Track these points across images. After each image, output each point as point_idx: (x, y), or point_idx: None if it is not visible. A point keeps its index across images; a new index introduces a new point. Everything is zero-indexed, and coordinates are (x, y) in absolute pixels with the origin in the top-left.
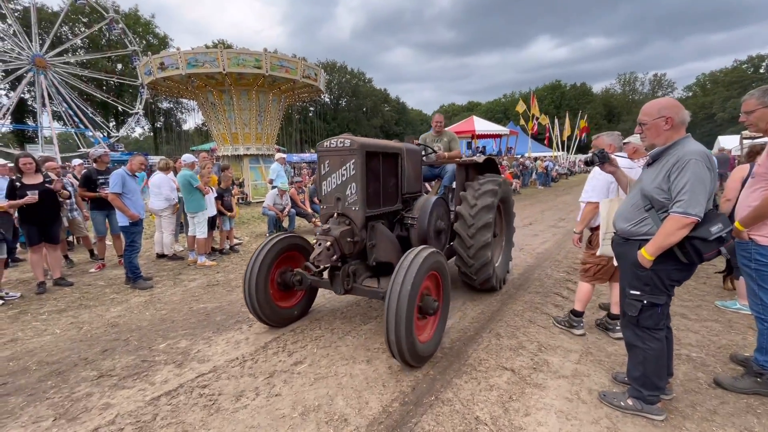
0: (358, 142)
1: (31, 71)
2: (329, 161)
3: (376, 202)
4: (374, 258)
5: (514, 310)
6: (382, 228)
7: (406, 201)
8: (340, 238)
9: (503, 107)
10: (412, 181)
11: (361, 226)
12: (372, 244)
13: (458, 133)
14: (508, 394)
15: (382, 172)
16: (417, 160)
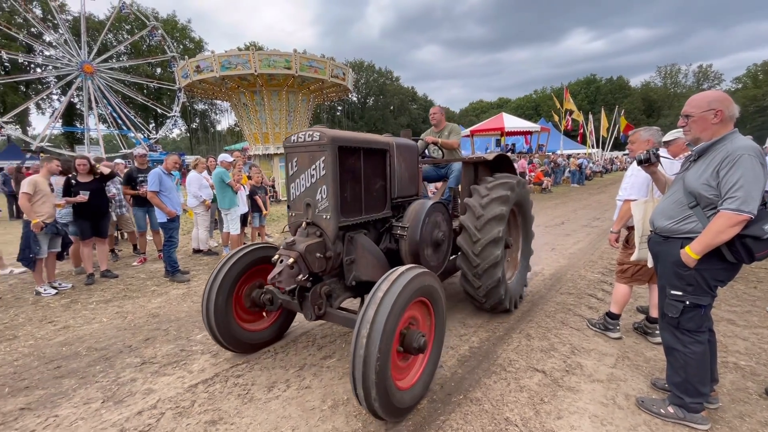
0: (328, 135)
1: (79, 77)
2: (297, 159)
3: (355, 208)
4: (353, 277)
5: (546, 311)
6: (363, 240)
7: (397, 207)
8: (307, 254)
9: (534, 103)
10: (404, 182)
11: (334, 237)
12: (350, 260)
13: (486, 130)
14: (539, 396)
15: (365, 172)
16: (412, 158)
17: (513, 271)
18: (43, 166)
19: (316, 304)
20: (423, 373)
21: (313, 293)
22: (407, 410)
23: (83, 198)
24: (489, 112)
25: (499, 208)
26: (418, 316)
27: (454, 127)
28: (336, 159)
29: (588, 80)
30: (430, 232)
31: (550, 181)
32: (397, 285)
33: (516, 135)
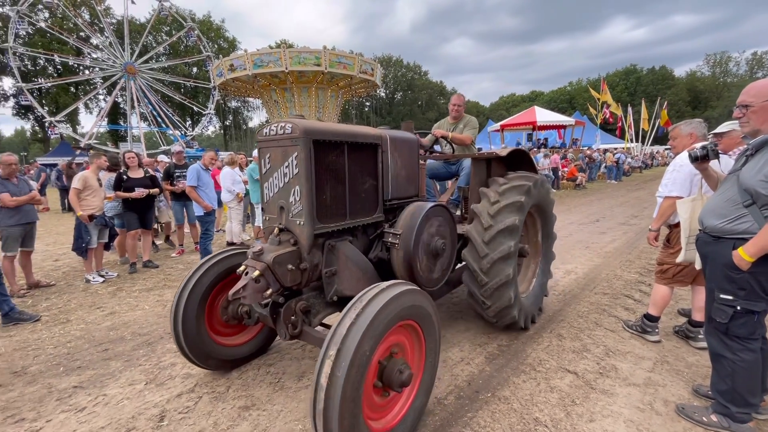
0: (300, 127)
1: (123, 77)
2: (270, 155)
3: (336, 212)
4: (335, 291)
5: (578, 311)
6: (347, 249)
7: (392, 210)
8: (275, 266)
9: (569, 96)
10: (400, 181)
11: (309, 246)
12: (330, 272)
13: (518, 125)
14: (571, 397)
15: (350, 169)
16: (411, 153)
17: (529, 282)
18: (93, 162)
19: (289, 321)
20: (408, 412)
21: (286, 310)
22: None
23: (142, 193)
24: (520, 105)
25: (511, 217)
26: (404, 342)
27: (470, 120)
28: (310, 155)
29: (628, 71)
30: (427, 240)
31: (584, 176)
32: (375, 305)
33: (549, 129)
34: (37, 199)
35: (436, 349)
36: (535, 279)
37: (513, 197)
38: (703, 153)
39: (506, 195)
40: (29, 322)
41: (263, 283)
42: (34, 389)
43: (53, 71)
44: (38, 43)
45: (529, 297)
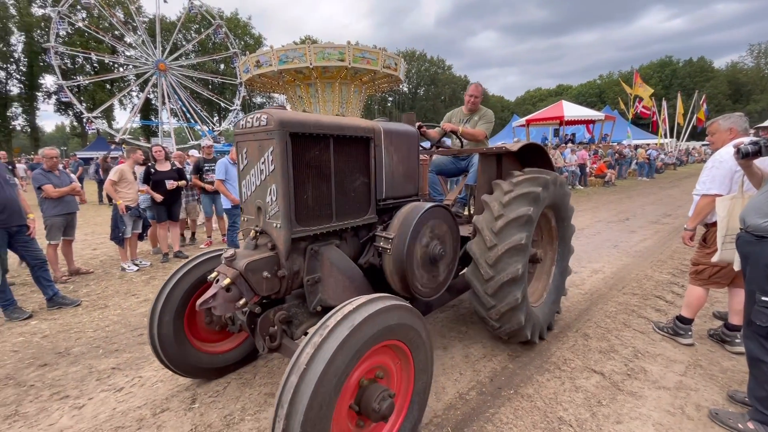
0: (275, 118)
1: (154, 74)
2: (247, 149)
3: (320, 213)
4: (318, 301)
5: (606, 311)
6: (332, 254)
7: (386, 210)
8: (248, 273)
9: (598, 90)
10: (397, 179)
11: (287, 251)
12: (313, 280)
13: (544, 120)
14: (597, 398)
15: (336, 166)
16: (409, 148)
17: (541, 293)
18: (130, 156)
19: (267, 333)
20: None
21: (263, 320)
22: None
23: (173, 185)
24: (547, 100)
25: (525, 207)
26: (389, 365)
27: (486, 113)
28: (286, 149)
29: (663, 63)
30: (423, 245)
31: (613, 173)
32: (349, 322)
33: (577, 124)
34: (78, 190)
35: (428, 375)
36: (547, 291)
37: (528, 187)
38: (755, 149)
39: (521, 186)
40: (71, 306)
41: (235, 292)
42: (77, 369)
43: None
44: (77, 42)
45: (541, 308)
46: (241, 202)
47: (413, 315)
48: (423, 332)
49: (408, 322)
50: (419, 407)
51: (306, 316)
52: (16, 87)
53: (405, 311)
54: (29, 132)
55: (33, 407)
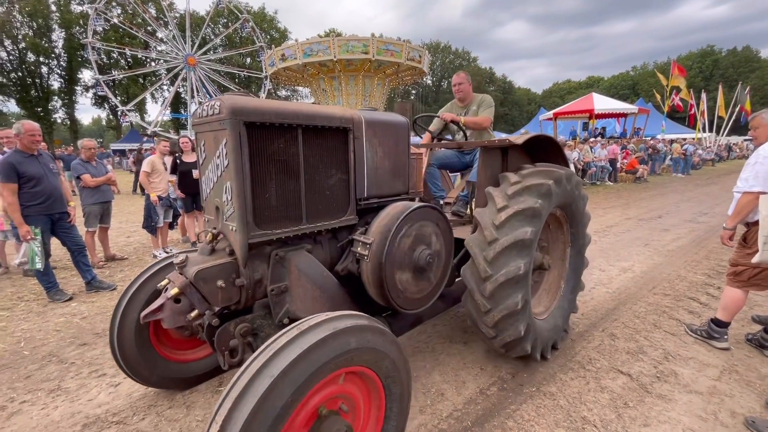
0: (227, 105)
1: (184, 68)
2: (205, 142)
3: (287, 214)
4: (285, 313)
5: (635, 311)
6: (300, 261)
7: (369, 211)
8: (199, 282)
9: (632, 81)
10: (382, 175)
11: (245, 257)
12: (279, 289)
13: (572, 113)
14: (623, 399)
15: (306, 160)
16: (398, 140)
17: (548, 306)
18: (157, 147)
19: (226, 348)
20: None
21: (221, 334)
22: None
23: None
24: (577, 92)
25: (530, 200)
26: (354, 396)
27: (484, 99)
28: (239, 141)
29: (703, 52)
30: (407, 250)
31: (645, 169)
32: (297, 346)
33: (607, 117)
34: (113, 180)
35: (403, 410)
36: (556, 302)
37: (536, 180)
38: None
39: (529, 178)
40: (107, 290)
41: (185, 303)
42: None
43: (125, 64)
44: (112, 37)
45: (547, 322)
46: (202, 200)
47: (384, 338)
48: (397, 358)
49: (376, 346)
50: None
51: (274, 329)
52: (56, 81)
53: (373, 333)
54: (68, 124)
55: (74, 383)
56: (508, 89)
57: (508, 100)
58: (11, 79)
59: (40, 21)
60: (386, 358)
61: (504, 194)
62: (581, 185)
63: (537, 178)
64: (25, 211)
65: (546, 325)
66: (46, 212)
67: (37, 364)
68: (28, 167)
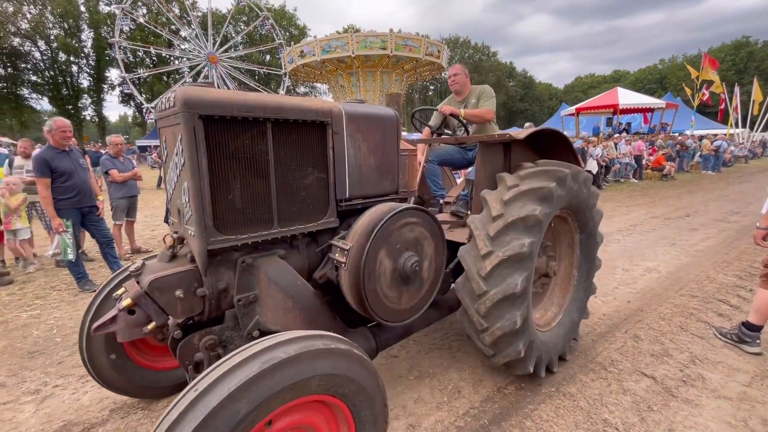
0: (180, 97)
1: (206, 66)
2: (166, 137)
3: (254, 218)
4: (255, 324)
5: (660, 313)
6: (271, 269)
7: (352, 212)
8: (154, 292)
9: (659, 75)
10: (367, 174)
11: (205, 265)
12: (247, 300)
13: (596, 108)
14: (647, 402)
15: (277, 158)
16: (384, 136)
17: (554, 314)
18: None
19: (191, 362)
20: None
21: (184, 347)
22: None
23: None
24: (600, 87)
25: (531, 206)
26: (315, 424)
27: (484, 90)
28: (194, 137)
29: (737, 44)
30: (390, 257)
31: (673, 166)
32: (243, 372)
33: (633, 113)
34: (139, 175)
35: None
36: (562, 312)
37: (537, 183)
38: None
39: (529, 180)
40: None
41: (140, 315)
42: None
43: (150, 62)
44: (137, 37)
45: (552, 334)
46: (167, 201)
47: (348, 361)
48: (365, 379)
49: (337, 371)
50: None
51: (245, 341)
52: (86, 80)
53: (341, 358)
54: (97, 122)
55: None
56: (528, 84)
57: (528, 96)
58: (44, 78)
59: (71, 21)
60: (351, 383)
61: (499, 200)
62: (590, 182)
63: (537, 180)
64: (57, 205)
65: (552, 337)
66: (77, 206)
67: (68, 351)
68: (60, 163)
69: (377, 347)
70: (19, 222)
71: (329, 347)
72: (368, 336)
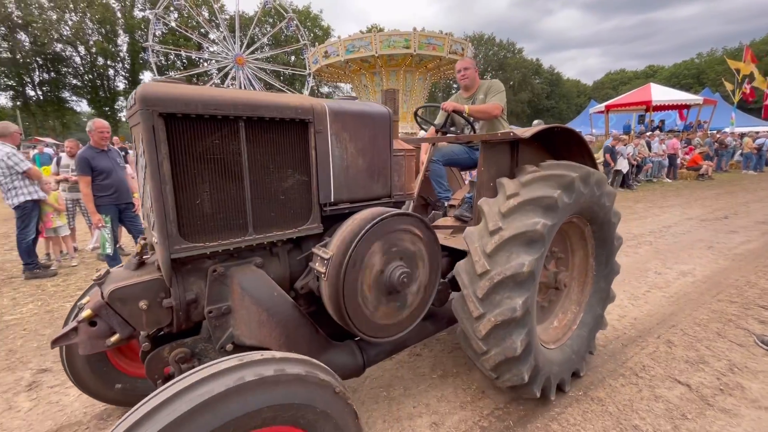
0: (139, 93)
1: (233, 68)
2: (135, 137)
3: (226, 224)
4: (228, 338)
5: (695, 318)
6: (245, 278)
7: (338, 217)
8: (116, 303)
9: (696, 70)
10: (354, 176)
11: (169, 274)
12: (218, 311)
13: (627, 105)
14: (681, 410)
15: (250, 159)
16: (375, 135)
17: (566, 328)
18: None
19: (159, 376)
20: None
21: (152, 361)
22: None
23: None
24: (632, 83)
25: (532, 220)
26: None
27: (492, 84)
28: (154, 136)
29: None
30: (374, 267)
31: (711, 165)
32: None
33: (667, 109)
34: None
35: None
36: (574, 330)
37: (542, 192)
38: None
39: (532, 187)
40: None
41: (102, 327)
42: None
43: (180, 65)
44: (169, 40)
45: (565, 349)
46: (141, 205)
47: (306, 388)
48: (338, 415)
49: (311, 402)
50: None
51: (218, 355)
52: (121, 83)
53: (297, 384)
54: None
55: None
56: (555, 81)
57: (555, 93)
58: (84, 82)
59: (108, 27)
60: (311, 411)
61: (497, 212)
62: (604, 183)
63: (539, 188)
64: (96, 201)
65: (563, 354)
66: (115, 202)
67: None
68: (99, 161)
69: (364, 363)
70: (58, 219)
71: (309, 376)
72: (354, 351)
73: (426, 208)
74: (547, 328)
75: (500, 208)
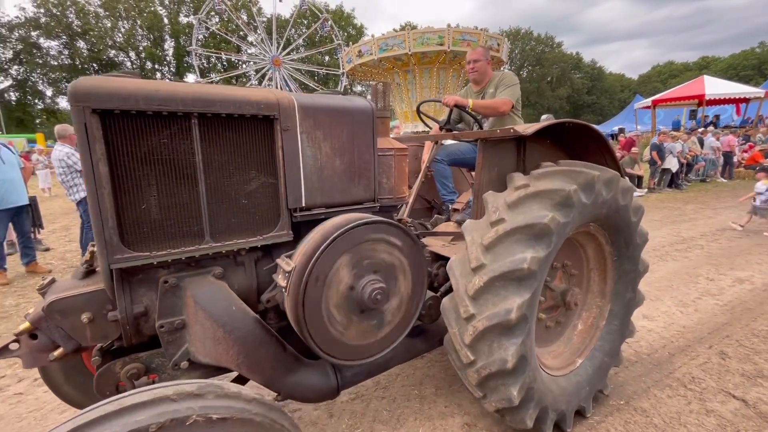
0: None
1: (270, 69)
2: None
3: (178, 231)
4: (183, 354)
5: (753, 329)
6: (199, 291)
7: (310, 224)
8: (55, 315)
9: (757, 60)
10: (330, 178)
11: (110, 285)
12: (172, 326)
13: (677, 100)
14: (735, 427)
15: (205, 159)
16: (354, 132)
17: (573, 355)
18: None
19: (111, 392)
20: None
21: (102, 376)
22: None
23: None
24: (683, 75)
25: (541, 212)
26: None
27: (504, 77)
28: (86, 135)
29: None
30: (342, 283)
31: None
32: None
33: (723, 104)
34: None
35: None
36: (585, 356)
37: (552, 184)
38: None
39: (542, 181)
40: None
41: (43, 340)
42: None
43: (221, 67)
44: (210, 44)
45: (571, 381)
46: None
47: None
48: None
49: None
50: None
51: (178, 373)
52: None
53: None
54: None
55: None
56: (597, 76)
57: (596, 88)
58: None
59: (156, 33)
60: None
61: (503, 203)
62: (631, 193)
63: (552, 180)
64: None
65: (566, 385)
66: None
67: None
68: None
69: (338, 385)
70: None
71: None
72: (328, 371)
73: (430, 211)
74: (551, 351)
75: (507, 198)
